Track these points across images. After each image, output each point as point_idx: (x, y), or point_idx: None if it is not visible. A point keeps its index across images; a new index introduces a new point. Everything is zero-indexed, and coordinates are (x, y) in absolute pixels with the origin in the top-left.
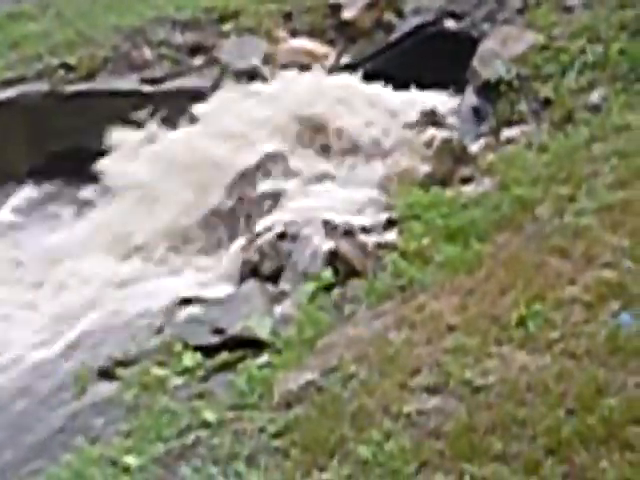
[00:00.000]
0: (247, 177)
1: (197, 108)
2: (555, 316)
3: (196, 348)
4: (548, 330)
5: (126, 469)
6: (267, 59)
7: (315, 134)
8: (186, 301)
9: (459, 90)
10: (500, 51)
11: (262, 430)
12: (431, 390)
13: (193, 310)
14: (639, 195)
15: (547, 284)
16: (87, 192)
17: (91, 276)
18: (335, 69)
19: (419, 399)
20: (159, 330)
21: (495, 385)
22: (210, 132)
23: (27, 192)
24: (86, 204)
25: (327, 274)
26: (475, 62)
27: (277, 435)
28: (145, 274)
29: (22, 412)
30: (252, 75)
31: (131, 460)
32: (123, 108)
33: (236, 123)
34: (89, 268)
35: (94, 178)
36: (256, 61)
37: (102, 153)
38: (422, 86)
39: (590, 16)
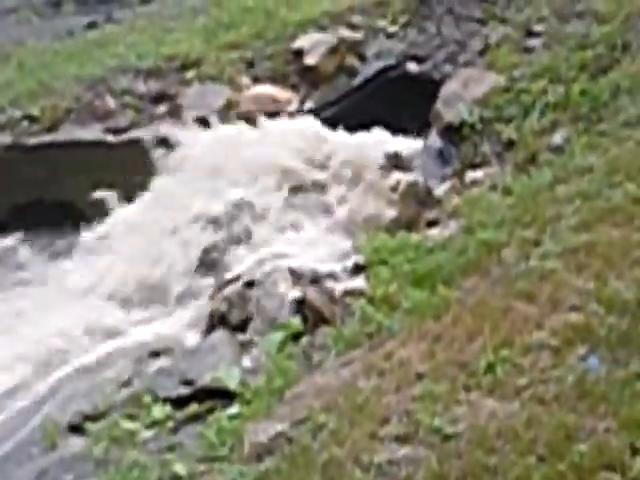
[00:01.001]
0: (216, 224)
1: (164, 156)
2: (523, 361)
3: (165, 400)
4: (516, 376)
5: None
6: (230, 106)
7: (281, 180)
8: (155, 353)
9: (423, 133)
10: (462, 93)
11: None
12: (401, 439)
13: (162, 361)
14: (603, 237)
15: (514, 329)
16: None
17: (59, 326)
18: (298, 114)
19: (389, 448)
20: (128, 382)
21: (465, 432)
22: (179, 181)
23: None
24: (53, 255)
25: (295, 322)
26: (438, 105)
27: None
28: (114, 324)
29: None
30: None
31: None
32: (87, 158)
33: (203, 170)
34: (59, 318)
35: (58, 228)
36: (218, 108)
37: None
38: (386, 129)
39: (550, 57)
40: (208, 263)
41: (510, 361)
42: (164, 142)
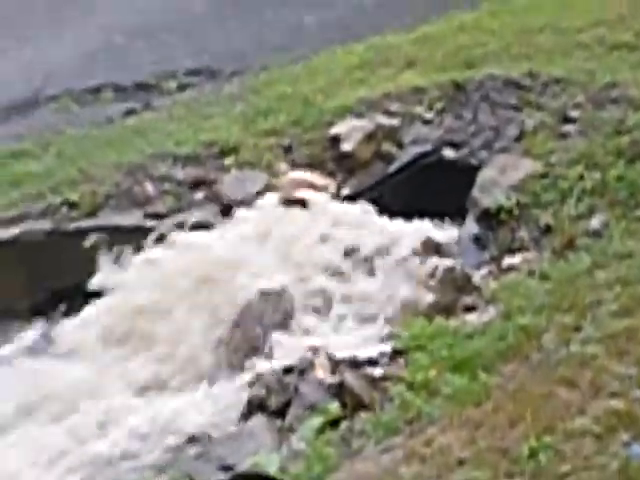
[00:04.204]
0: (251, 311)
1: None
2: (565, 448)
3: None
4: (559, 463)
5: None
6: (268, 192)
7: (319, 265)
8: (192, 438)
9: (459, 219)
10: (499, 179)
11: None
12: None
13: (199, 447)
14: None
15: (556, 415)
16: None
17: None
18: (336, 200)
19: None
20: (165, 468)
21: None
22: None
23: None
24: None
25: (334, 408)
26: (475, 191)
27: None
28: (149, 407)
29: None
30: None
31: None
32: (128, 243)
33: (241, 252)
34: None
35: None
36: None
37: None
38: (422, 215)
39: (586, 143)
40: (246, 347)
41: (552, 448)
42: (203, 226)
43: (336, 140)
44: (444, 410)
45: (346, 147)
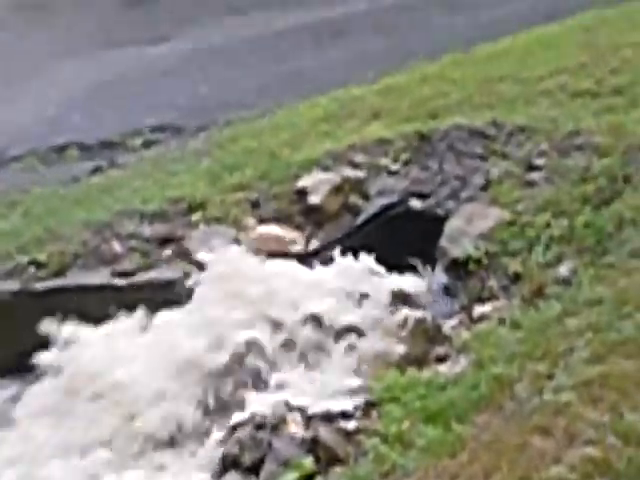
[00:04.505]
0: (225, 368)
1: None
2: None
3: None
4: None
5: None
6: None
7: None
8: None
9: (427, 270)
10: (467, 229)
11: None
12: None
13: None
14: (616, 369)
15: (531, 465)
16: None
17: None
18: (305, 254)
19: None
20: None
21: None
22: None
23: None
24: None
25: (308, 463)
26: (443, 241)
27: None
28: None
29: None
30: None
31: None
32: (95, 302)
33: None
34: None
35: None
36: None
37: None
38: (390, 267)
39: (553, 190)
40: (216, 404)
41: None
42: (170, 284)
43: (303, 193)
44: (419, 462)
45: (313, 200)
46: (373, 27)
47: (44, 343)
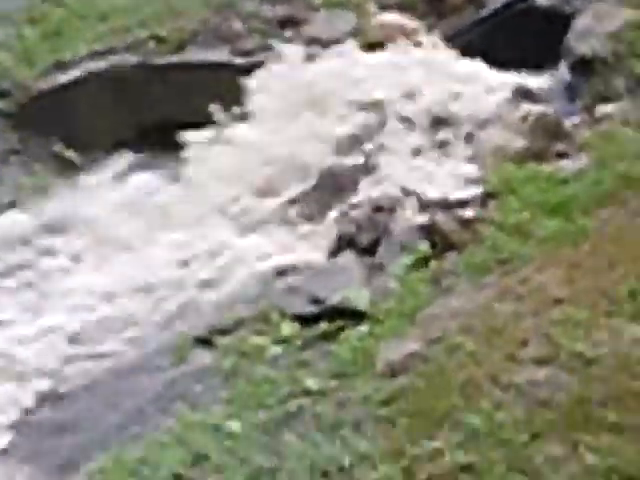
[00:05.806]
0: (340, 148)
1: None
2: None
3: (294, 317)
4: None
5: (230, 435)
6: (357, 33)
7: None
8: (281, 271)
9: (551, 67)
10: (595, 28)
11: (367, 399)
12: (541, 362)
13: (289, 280)
14: None
15: None
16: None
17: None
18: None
19: (529, 370)
20: (255, 300)
21: (607, 357)
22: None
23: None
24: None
25: (424, 247)
26: (569, 38)
27: (383, 403)
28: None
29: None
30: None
31: (234, 426)
32: (214, 80)
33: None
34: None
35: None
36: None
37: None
38: (512, 63)
39: None
40: (330, 185)
41: None
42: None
43: None
44: (538, 251)
45: None
46: None
47: (163, 119)
